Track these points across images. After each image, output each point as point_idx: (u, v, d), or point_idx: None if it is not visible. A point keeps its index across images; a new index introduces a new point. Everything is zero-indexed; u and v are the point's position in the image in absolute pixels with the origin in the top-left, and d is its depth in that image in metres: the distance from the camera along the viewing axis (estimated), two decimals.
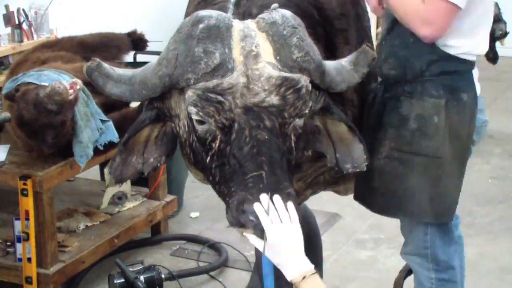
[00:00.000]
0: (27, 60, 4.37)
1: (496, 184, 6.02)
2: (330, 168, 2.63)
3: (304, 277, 2.06)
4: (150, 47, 5.33)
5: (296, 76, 2.13)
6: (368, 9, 3.05)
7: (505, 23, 6.78)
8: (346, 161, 2.36)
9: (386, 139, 2.83)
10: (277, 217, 2.01)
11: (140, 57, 5.71)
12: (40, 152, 4.00)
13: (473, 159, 6.60)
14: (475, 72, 2.86)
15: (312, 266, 2.06)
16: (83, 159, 3.94)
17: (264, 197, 2.01)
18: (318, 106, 2.31)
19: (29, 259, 3.94)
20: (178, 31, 2.19)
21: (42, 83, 3.82)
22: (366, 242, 5.08)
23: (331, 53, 2.69)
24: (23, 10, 5.18)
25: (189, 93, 2.11)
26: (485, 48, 2.85)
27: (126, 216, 4.65)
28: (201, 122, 2.13)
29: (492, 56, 7.02)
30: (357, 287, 4.53)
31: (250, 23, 2.19)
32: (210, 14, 2.15)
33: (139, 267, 4.16)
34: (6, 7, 5.10)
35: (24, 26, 5.15)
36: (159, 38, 5.03)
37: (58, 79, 3.81)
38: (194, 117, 2.12)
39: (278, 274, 3.53)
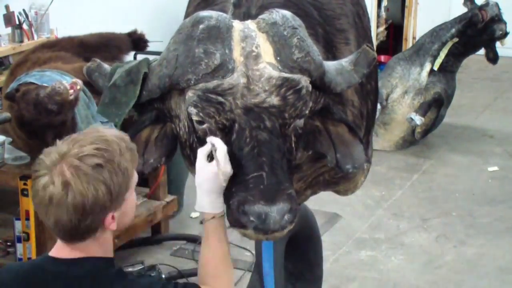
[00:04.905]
0: (28, 60, 4.37)
1: (496, 184, 6.02)
2: (330, 168, 2.63)
3: (213, 217, 2.12)
4: (150, 47, 5.33)
5: (296, 76, 2.13)
6: (368, 9, 3.05)
7: (505, 23, 6.79)
8: (347, 162, 2.36)
9: None
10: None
11: (140, 57, 5.70)
12: (41, 152, 4.00)
13: (473, 159, 6.66)
14: None
15: (223, 209, 2.12)
16: None
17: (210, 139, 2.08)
18: (318, 106, 2.31)
19: (29, 259, 3.94)
20: (178, 31, 2.19)
21: (44, 84, 3.83)
22: (366, 242, 5.08)
23: (331, 53, 2.69)
24: (24, 10, 5.18)
25: (189, 94, 2.11)
26: None
27: None
28: (201, 123, 2.13)
29: (492, 56, 7.03)
30: (357, 287, 4.54)
31: (250, 23, 2.19)
32: (210, 14, 2.15)
33: (139, 267, 4.16)
34: (6, 7, 5.10)
35: (25, 26, 5.14)
36: (159, 38, 5.04)
37: (59, 81, 3.81)
38: (194, 117, 2.12)
39: (277, 273, 3.54)
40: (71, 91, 3.71)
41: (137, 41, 5.20)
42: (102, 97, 2.34)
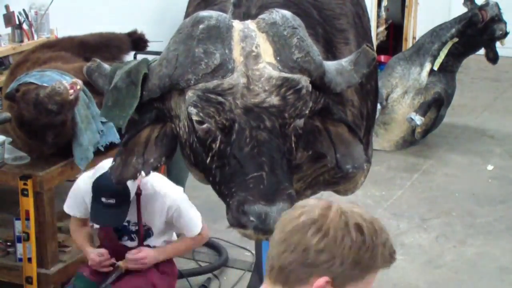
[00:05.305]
0: (27, 60, 4.37)
1: (496, 184, 6.02)
2: (330, 168, 2.63)
3: None
4: (150, 47, 5.33)
5: (296, 76, 2.13)
6: (368, 9, 3.05)
7: (505, 23, 6.79)
8: (347, 162, 2.36)
9: None
10: None
11: (140, 57, 5.70)
12: (41, 152, 4.00)
13: (473, 159, 6.65)
14: None
15: None
16: (83, 162, 3.94)
17: None
18: (318, 106, 2.31)
19: (29, 259, 3.94)
20: (178, 31, 2.19)
21: (44, 84, 3.83)
22: None
23: (331, 53, 2.69)
24: (24, 10, 5.18)
25: (189, 94, 2.11)
26: None
27: None
28: (201, 123, 2.13)
29: (492, 56, 7.03)
30: None
31: (250, 23, 2.19)
32: (210, 14, 2.15)
33: None
34: (6, 7, 5.10)
35: (25, 26, 5.14)
36: (159, 38, 5.03)
37: (60, 80, 3.82)
38: (194, 117, 2.13)
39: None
40: (71, 91, 3.71)
41: (137, 41, 5.19)
42: (104, 100, 2.34)
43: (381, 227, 1.65)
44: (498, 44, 6.94)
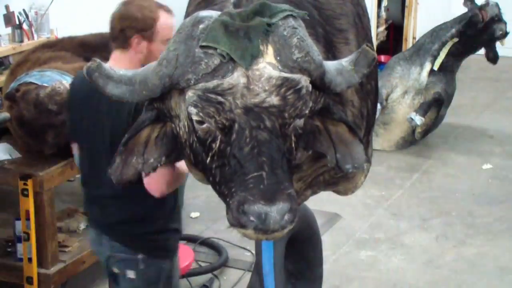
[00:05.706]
0: (28, 60, 4.38)
1: (496, 184, 6.03)
2: (330, 168, 2.63)
3: None
4: None
5: (296, 76, 2.13)
6: (368, 9, 3.05)
7: (505, 23, 6.79)
8: (347, 161, 2.36)
9: None
10: None
11: None
12: (41, 152, 4.01)
13: (473, 159, 6.66)
14: None
15: None
16: None
17: None
18: (318, 106, 2.31)
19: (29, 259, 3.94)
20: (178, 31, 2.19)
21: (44, 84, 3.83)
22: (366, 242, 5.08)
23: (331, 53, 2.69)
24: (24, 10, 5.18)
25: (189, 94, 2.11)
26: None
27: None
28: (201, 123, 2.13)
29: (492, 56, 7.03)
30: (357, 287, 4.54)
31: None
32: (211, 14, 2.15)
33: None
34: (6, 7, 5.10)
35: (25, 26, 5.15)
36: None
37: (60, 80, 3.82)
38: (194, 117, 2.13)
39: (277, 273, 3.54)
40: None
41: None
42: None
43: None
44: (498, 44, 6.94)
